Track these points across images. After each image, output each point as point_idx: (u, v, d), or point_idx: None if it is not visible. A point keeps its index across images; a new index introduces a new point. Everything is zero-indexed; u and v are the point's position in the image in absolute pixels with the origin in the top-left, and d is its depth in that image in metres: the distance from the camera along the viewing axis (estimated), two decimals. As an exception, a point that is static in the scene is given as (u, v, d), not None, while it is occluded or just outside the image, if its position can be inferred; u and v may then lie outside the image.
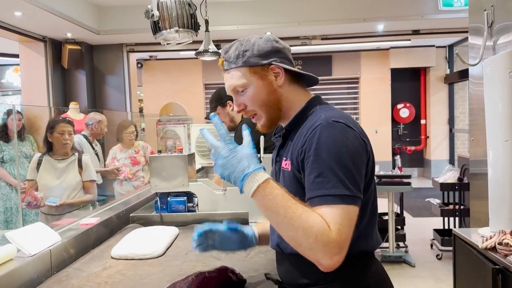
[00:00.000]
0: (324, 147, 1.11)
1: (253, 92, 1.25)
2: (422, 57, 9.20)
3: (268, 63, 1.24)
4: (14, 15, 4.91)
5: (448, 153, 9.58)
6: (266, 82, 1.25)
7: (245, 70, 1.24)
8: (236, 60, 1.25)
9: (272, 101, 1.26)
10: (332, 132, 1.12)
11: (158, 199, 2.23)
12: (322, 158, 1.10)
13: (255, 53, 1.24)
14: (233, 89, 1.27)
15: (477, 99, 2.59)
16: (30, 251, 1.49)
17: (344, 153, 1.10)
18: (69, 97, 6.48)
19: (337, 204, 1.06)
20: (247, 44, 1.25)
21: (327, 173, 1.09)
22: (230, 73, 1.27)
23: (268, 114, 1.27)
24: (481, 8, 2.46)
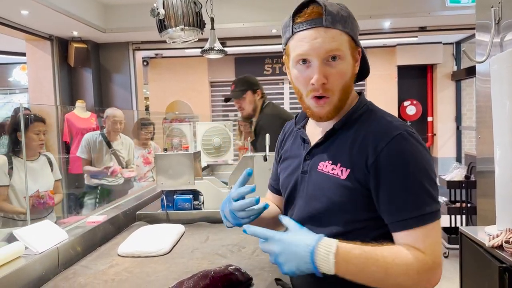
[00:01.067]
0: (412, 162, 0.99)
1: (345, 67, 1.04)
2: (429, 54, 9.14)
3: (359, 44, 1.08)
4: (21, 13, 4.94)
5: (455, 151, 9.52)
6: (353, 64, 1.07)
7: (348, 39, 1.04)
8: (345, 23, 1.02)
9: (350, 87, 1.09)
10: (413, 145, 1.01)
11: (164, 197, 2.24)
12: (411, 174, 0.99)
13: (356, 27, 1.06)
14: (326, 53, 1.01)
15: (484, 97, 2.57)
16: (37, 249, 1.50)
17: (429, 167, 1.02)
18: (75, 95, 6.52)
19: (431, 222, 1.00)
20: (349, 12, 1.05)
21: (414, 190, 0.99)
22: (331, 33, 1.01)
23: (340, 101, 1.07)
24: (489, 5, 2.44)
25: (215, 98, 9.89)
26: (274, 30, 6.14)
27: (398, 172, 0.99)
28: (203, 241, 1.87)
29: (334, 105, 1.06)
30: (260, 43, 6.64)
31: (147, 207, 2.47)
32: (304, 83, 1.06)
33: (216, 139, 3.55)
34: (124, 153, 4.13)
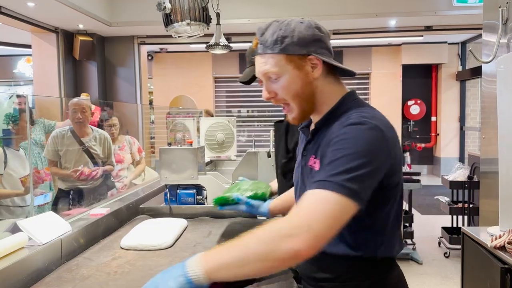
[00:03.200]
0: (345, 141, 1.06)
1: (287, 81, 1.16)
2: (434, 54, 9.11)
3: (307, 53, 1.15)
4: (27, 5, 4.95)
5: (458, 151, 9.51)
6: (302, 73, 1.16)
7: (281, 57, 1.15)
8: (273, 46, 1.15)
9: (306, 93, 1.18)
10: (357, 131, 1.07)
11: (168, 191, 2.25)
12: (339, 149, 1.06)
13: (295, 41, 1.14)
14: (264, 75, 1.18)
15: (490, 97, 2.57)
16: (41, 240, 1.51)
17: (362, 150, 1.04)
18: (80, 88, 6.54)
19: (327, 190, 1.00)
20: (286, 29, 1.15)
21: (336, 163, 1.04)
22: (264, 58, 1.17)
23: (301, 107, 1.19)
24: (496, 5, 2.43)
25: (219, 93, 9.89)
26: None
27: (330, 151, 1.08)
28: (205, 236, 1.87)
29: (298, 110, 1.20)
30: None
31: (150, 200, 2.48)
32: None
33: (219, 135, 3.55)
34: (98, 149, 3.59)
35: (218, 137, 3.49)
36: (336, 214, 0.99)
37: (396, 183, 1.15)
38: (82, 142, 3.49)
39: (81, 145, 3.48)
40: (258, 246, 0.96)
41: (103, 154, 3.61)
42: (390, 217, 1.18)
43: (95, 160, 3.54)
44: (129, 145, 4.09)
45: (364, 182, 1.03)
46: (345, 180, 1.01)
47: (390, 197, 1.16)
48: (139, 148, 4.20)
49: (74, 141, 3.47)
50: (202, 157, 2.40)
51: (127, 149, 4.05)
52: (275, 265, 0.97)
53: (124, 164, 4.02)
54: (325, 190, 1.00)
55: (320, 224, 0.96)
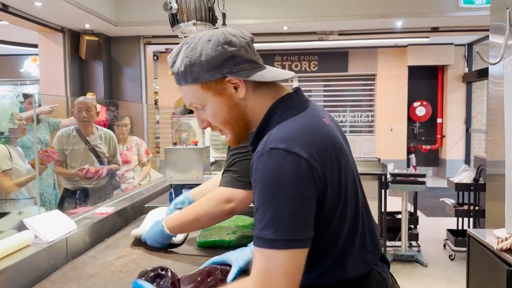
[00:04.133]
0: (258, 182, 0.95)
1: (212, 110, 1.07)
2: (440, 55, 9.07)
3: (222, 76, 1.03)
4: (34, 5, 4.98)
5: (464, 153, 9.46)
6: (224, 97, 1.05)
7: (196, 87, 1.05)
8: (185, 77, 1.05)
9: (234, 117, 1.08)
10: (266, 163, 0.95)
11: (173, 191, 2.25)
12: (256, 193, 0.96)
13: (204, 67, 1.03)
14: (190, 106, 1.12)
15: (497, 99, 2.55)
16: (47, 238, 1.51)
17: (276, 190, 0.93)
18: (86, 87, 6.56)
19: (266, 248, 0.93)
20: (193, 56, 1.03)
21: (260, 211, 0.94)
22: (181, 89, 1.10)
23: (233, 131, 1.10)
24: (503, 6, 2.42)
25: (224, 94, 9.89)
26: (285, 27, 6.12)
27: (254, 190, 0.97)
28: (210, 236, 1.87)
29: (230, 135, 1.11)
30: (271, 40, 6.62)
31: (155, 200, 2.48)
32: None
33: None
34: (103, 148, 3.59)
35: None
36: (288, 268, 0.93)
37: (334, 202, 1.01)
38: (87, 141, 3.50)
39: (87, 144, 3.48)
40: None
41: (108, 153, 3.61)
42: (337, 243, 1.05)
43: (101, 159, 3.54)
44: (136, 146, 4.05)
45: (293, 224, 0.93)
46: (273, 232, 0.92)
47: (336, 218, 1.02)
48: (146, 150, 4.17)
49: (80, 140, 3.48)
50: (207, 157, 2.40)
51: (134, 150, 4.02)
52: None
53: (131, 165, 3.98)
54: (262, 248, 0.94)
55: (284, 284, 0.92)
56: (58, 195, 3.79)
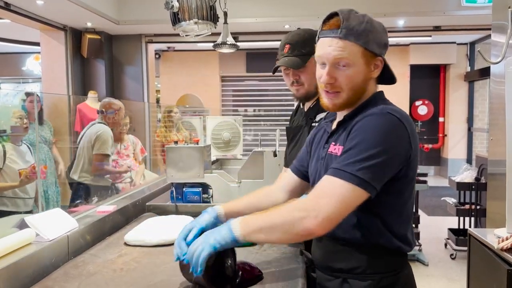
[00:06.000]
0: (365, 128, 1.14)
1: (353, 72, 1.21)
2: (443, 54, 9.06)
3: (379, 54, 1.24)
4: (36, 3, 4.98)
5: (465, 152, 9.45)
6: (367, 70, 1.23)
7: (360, 50, 1.20)
8: (358, 36, 1.19)
9: (361, 88, 1.25)
10: (379, 120, 1.15)
11: (174, 189, 2.26)
12: (357, 137, 1.14)
13: (377, 40, 1.21)
14: (336, 59, 1.20)
15: (498, 98, 2.55)
16: (48, 236, 1.52)
17: (380, 141, 1.12)
18: (88, 86, 6.57)
19: (340, 178, 1.11)
20: (372, 26, 1.21)
21: (352, 152, 1.12)
22: (342, 43, 1.19)
23: (350, 98, 1.25)
24: (505, 5, 2.41)
25: (225, 92, 9.90)
26: (287, 26, 6.12)
27: (354, 136, 1.16)
28: (211, 234, 1.87)
29: (343, 100, 1.24)
30: (273, 38, 6.62)
31: (156, 198, 2.49)
32: (318, 79, 1.28)
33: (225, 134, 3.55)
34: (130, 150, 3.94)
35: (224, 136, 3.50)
36: (345, 200, 1.10)
37: (412, 177, 1.21)
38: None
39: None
40: (281, 221, 1.13)
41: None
42: (404, 209, 1.23)
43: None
44: (132, 145, 4.06)
45: (377, 172, 1.11)
46: (357, 170, 1.10)
47: (405, 189, 1.21)
48: (141, 148, 4.18)
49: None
50: (208, 155, 2.40)
51: (130, 149, 4.02)
52: (295, 238, 1.17)
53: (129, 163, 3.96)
54: (338, 178, 1.11)
55: (330, 208, 1.09)
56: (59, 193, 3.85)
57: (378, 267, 1.19)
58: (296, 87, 1.84)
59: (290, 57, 1.80)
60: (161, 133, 4.90)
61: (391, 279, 1.22)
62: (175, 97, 9.29)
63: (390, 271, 1.22)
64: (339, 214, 1.10)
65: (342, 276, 1.24)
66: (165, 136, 4.74)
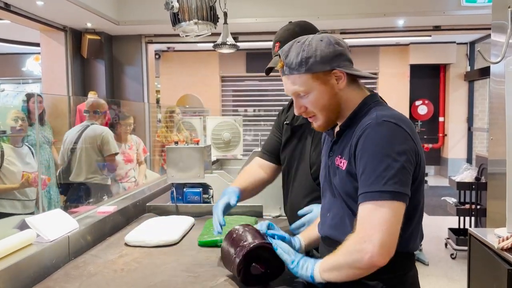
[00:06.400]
0: (368, 146, 1.15)
1: (315, 97, 1.26)
2: (442, 54, 9.05)
3: (330, 69, 1.24)
4: (36, 4, 4.98)
5: (465, 152, 9.45)
6: (328, 87, 1.26)
7: (307, 76, 1.24)
8: (299, 68, 1.24)
9: (332, 104, 1.28)
10: (378, 131, 1.16)
11: (174, 190, 2.26)
12: (365, 156, 1.15)
13: (318, 60, 1.23)
14: (294, 93, 1.29)
15: (498, 98, 2.55)
16: (49, 237, 1.52)
17: (387, 151, 1.13)
18: (88, 86, 6.57)
19: (372, 201, 1.12)
20: (309, 50, 1.23)
21: (368, 171, 1.14)
22: (290, 79, 1.27)
23: (327, 117, 1.29)
24: (505, 5, 2.41)
25: (225, 92, 9.90)
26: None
27: (360, 155, 1.17)
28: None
29: (322, 121, 1.30)
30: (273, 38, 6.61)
31: (157, 199, 2.49)
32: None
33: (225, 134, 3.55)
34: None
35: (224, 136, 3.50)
36: (388, 219, 1.11)
37: (421, 178, 1.22)
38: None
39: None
40: (344, 258, 1.16)
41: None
42: (416, 212, 1.24)
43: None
44: (136, 145, 4.09)
45: (400, 179, 1.12)
46: (383, 185, 1.12)
47: (416, 191, 1.21)
48: (143, 148, 4.21)
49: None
50: (208, 156, 2.40)
51: (134, 149, 4.04)
52: (364, 273, 1.15)
53: (133, 164, 4.02)
54: (370, 201, 1.13)
55: (378, 235, 1.10)
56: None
57: (386, 268, 1.17)
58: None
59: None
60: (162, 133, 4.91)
61: (399, 279, 1.24)
62: (175, 97, 9.29)
63: (399, 271, 1.23)
64: (390, 236, 1.11)
65: None
66: (165, 137, 4.75)
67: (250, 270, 1.28)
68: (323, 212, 1.39)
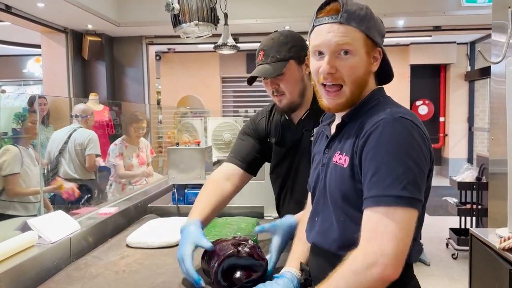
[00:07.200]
0: (384, 143, 1.01)
1: (356, 62, 1.09)
2: (443, 54, 9.06)
3: (378, 44, 1.13)
4: (37, 6, 4.99)
5: (466, 152, 9.44)
6: (368, 61, 1.11)
7: (362, 36, 1.09)
8: (360, 22, 1.08)
9: (364, 81, 1.13)
10: (396, 128, 1.01)
11: (175, 191, 2.26)
12: (380, 155, 1.00)
13: (376, 27, 1.11)
14: (337, 46, 1.07)
15: (499, 98, 2.55)
16: (50, 238, 1.52)
17: (406, 151, 1.00)
18: (89, 88, 6.58)
19: (387, 206, 0.98)
20: (371, 13, 1.12)
21: (383, 171, 0.99)
22: (344, 28, 1.07)
23: (354, 95, 1.12)
24: (505, 5, 2.41)
25: (226, 93, 9.91)
26: (287, 27, 6.11)
27: (372, 153, 1.02)
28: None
29: (346, 98, 1.11)
30: (273, 39, 6.61)
31: (158, 200, 2.49)
32: (316, 72, 1.13)
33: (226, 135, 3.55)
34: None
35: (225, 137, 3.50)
36: (403, 227, 0.97)
37: (429, 184, 1.10)
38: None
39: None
40: (346, 283, 0.97)
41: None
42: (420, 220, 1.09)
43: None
44: (145, 147, 4.14)
45: (418, 184, 1.00)
46: (400, 190, 0.97)
47: (425, 198, 1.09)
48: (151, 150, 4.27)
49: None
50: (209, 157, 2.41)
51: (144, 151, 4.10)
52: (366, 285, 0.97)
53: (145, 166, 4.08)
54: (384, 206, 0.98)
55: (391, 244, 0.96)
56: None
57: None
58: (278, 97, 1.66)
59: (263, 65, 1.62)
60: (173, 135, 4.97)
61: None
62: (175, 98, 9.29)
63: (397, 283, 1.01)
64: (405, 246, 0.97)
65: None
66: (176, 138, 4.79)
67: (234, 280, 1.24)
68: (312, 216, 1.24)
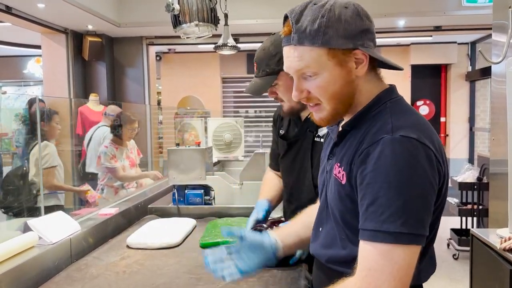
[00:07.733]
0: (383, 170, 0.88)
1: (325, 80, 0.96)
2: (443, 54, 9.04)
3: (353, 47, 0.95)
4: (38, 7, 4.99)
5: (467, 152, 9.43)
6: (344, 71, 0.97)
7: (322, 52, 0.94)
8: (313, 38, 0.94)
9: (345, 94, 0.99)
10: (396, 151, 0.88)
11: (176, 192, 2.26)
12: (378, 184, 0.89)
13: (340, 33, 0.93)
14: (297, 72, 0.98)
15: (500, 98, 2.55)
16: (51, 239, 1.52)
17: (408, 179, 0.87)
18: (89, 88, 6.58)
19: (385, 243, 0.87)
20: (330, 17, 0.93)
21: (381, 202, 0.88)
22: (298, 51, 0.96)
23: (335, 109, 1.00)
24: (506, 5, 2.41)
25: (226, 94, 9.91)
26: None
27: (369, 178, 0.91)
28: (213, 236, 1.87)
29: (328, 113, 1.01)
30: (273, 40, 6.61)
31: (158, 201, 2.49)
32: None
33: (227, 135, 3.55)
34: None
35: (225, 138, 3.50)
36: (402, 266, 0.87)
37: (443, 202, 0.98)
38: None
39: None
40: None
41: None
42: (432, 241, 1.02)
43: None
44: (133, 148, 4.07)
45: (420, 217, 0.88)
46: (399, 225, 0.86)
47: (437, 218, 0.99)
48: (138, 151, 4.17)
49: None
50: (209, 157, 2.40)
51: (133, 152, 4.03)
52: None
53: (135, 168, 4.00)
54: (381, 243, 0.87)
55: (389, 285, 0.87)
56: None
57: None
58: (281, 103, 1.71)
59: (256, 79, 1.66)
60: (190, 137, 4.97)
61: None
62: (176, 98, 9.29)
63: None
64: (403, 285, 0.88)
65: None
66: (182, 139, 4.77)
67: None
68: (316, 226, 1.15)
